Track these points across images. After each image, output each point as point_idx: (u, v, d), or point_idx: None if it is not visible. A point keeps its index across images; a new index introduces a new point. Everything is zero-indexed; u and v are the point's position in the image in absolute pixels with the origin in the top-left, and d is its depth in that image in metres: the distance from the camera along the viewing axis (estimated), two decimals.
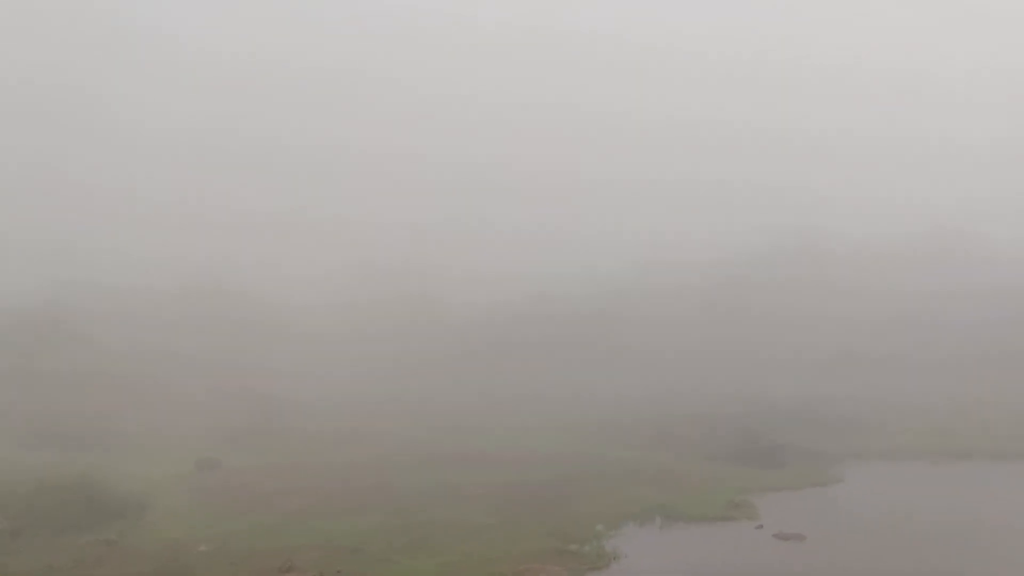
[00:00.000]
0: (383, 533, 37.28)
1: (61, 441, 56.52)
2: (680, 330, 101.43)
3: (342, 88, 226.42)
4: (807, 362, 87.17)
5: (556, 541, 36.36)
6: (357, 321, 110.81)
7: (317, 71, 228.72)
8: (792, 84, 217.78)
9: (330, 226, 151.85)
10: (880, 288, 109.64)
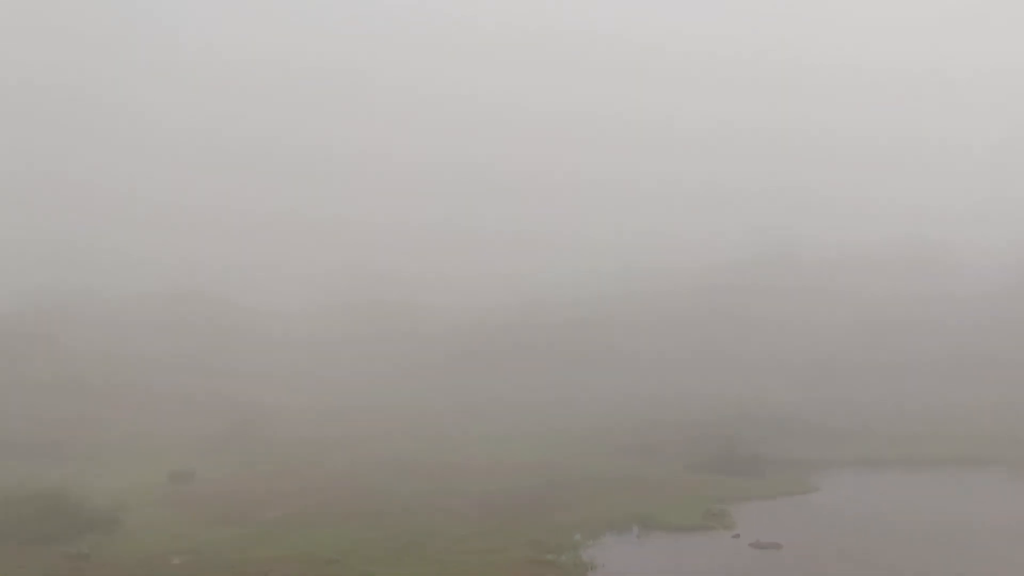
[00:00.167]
0: (362, 544, 37.09)
1: (32, 450, 55.85)
2: (660, 336, 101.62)
3: (342, 88, 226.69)
4: (785, 369, 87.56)
5: (534, 551, 36.33)
6: (339, 326, 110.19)
7: (317, 71, 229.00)
8: (792, 85, 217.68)
9: (321, 227, 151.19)
10: (856, 294, 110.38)
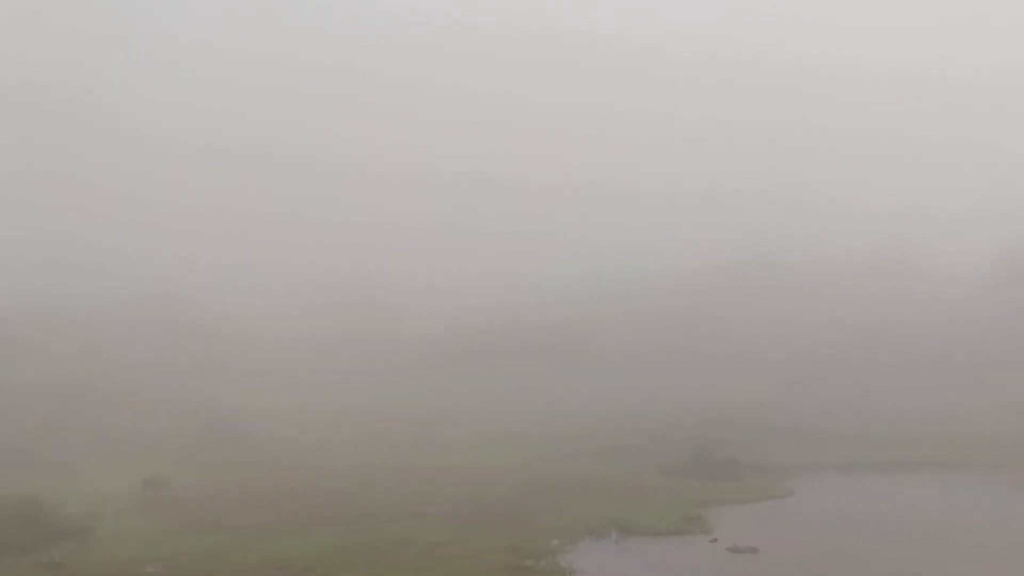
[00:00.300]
0: (338, 551, 36.86)
1: (3, 456, 55.07)
2: (637, 340, 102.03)
3: (342, 88, 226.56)
4: (761, 372, 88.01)
5: (512, 557, 36.25)
6: (322, 330, 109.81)
7: (317, 71, 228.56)
8: (792, 85, 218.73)
9: (318, 228, 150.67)
10: (835, 297, 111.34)
